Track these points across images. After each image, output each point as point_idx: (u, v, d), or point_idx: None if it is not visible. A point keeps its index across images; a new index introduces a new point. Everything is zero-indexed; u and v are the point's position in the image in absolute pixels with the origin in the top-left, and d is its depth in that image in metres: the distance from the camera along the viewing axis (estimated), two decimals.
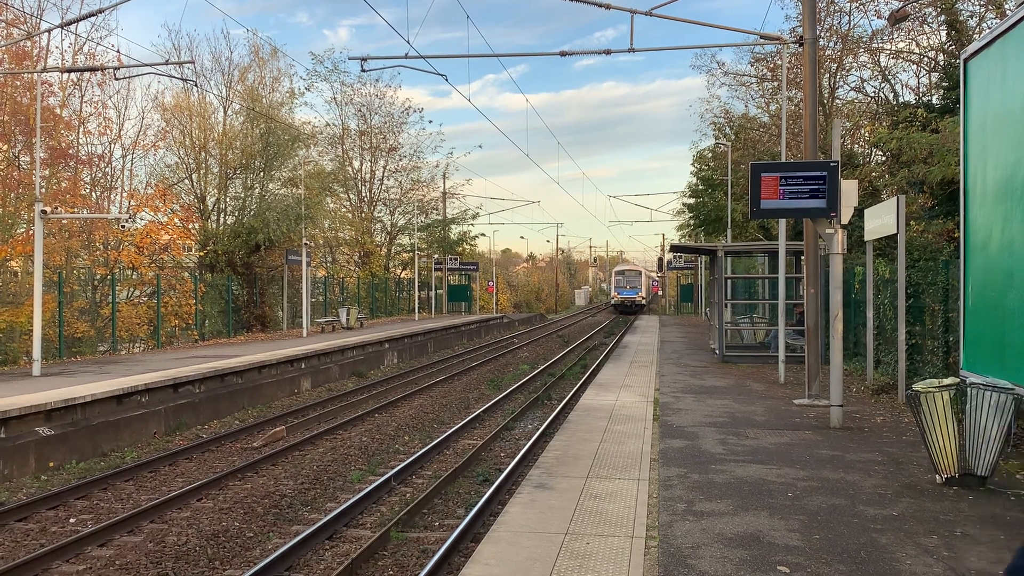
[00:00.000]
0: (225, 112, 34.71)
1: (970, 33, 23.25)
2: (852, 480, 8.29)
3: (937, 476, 8.18)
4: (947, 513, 7.13)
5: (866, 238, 15.18)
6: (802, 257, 16.91)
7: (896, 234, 13.37)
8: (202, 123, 32.97)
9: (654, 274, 78.05)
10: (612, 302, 67.13)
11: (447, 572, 7.80)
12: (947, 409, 8.02)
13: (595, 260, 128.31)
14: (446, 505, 10.43)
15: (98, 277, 25.55)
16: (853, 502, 7.46)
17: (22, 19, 26.19)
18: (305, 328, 29.01)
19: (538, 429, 14.87)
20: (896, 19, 21.48)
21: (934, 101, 24.97)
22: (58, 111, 26.44)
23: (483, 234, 62.62)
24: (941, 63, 26.00)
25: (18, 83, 24.96)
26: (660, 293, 77.45)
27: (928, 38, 27.85)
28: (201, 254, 31.76)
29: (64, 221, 24.26)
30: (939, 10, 25.30)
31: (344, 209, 47.93)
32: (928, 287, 14.22)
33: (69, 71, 22.51)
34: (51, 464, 12.27)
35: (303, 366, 21.61)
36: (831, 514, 7.07)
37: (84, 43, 28.35)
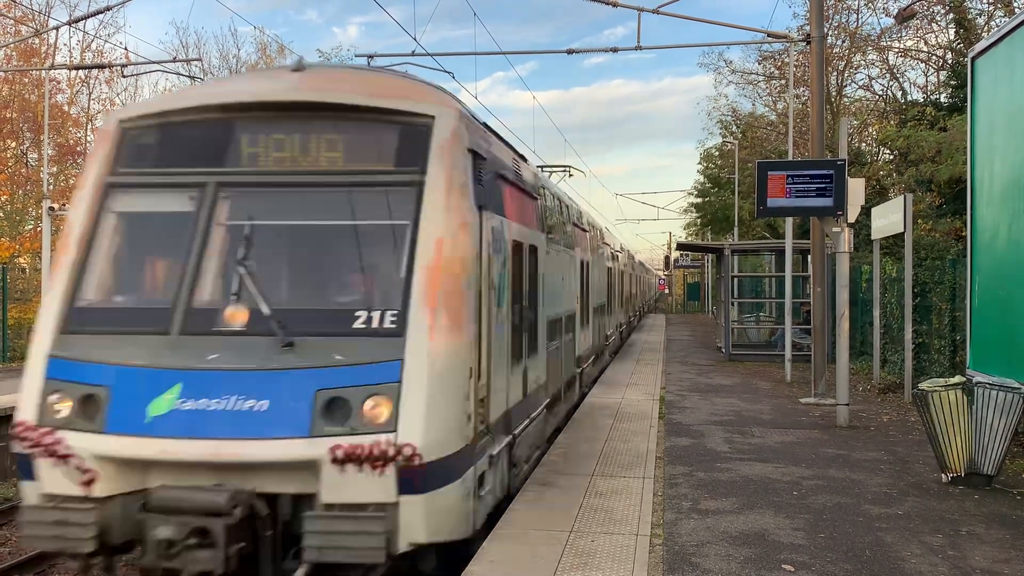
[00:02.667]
0: None
1: (978, 31, 23.18)
2: (858, 479, 8.28)
3: (943, 475, 8.16)
4: (953, 512, 7.11)
5: (873, 237, 15.14)
6: (809, 256, 16.88)
7: (903, 233, 13.34)
8: None
9: (661, 273, 75.84)
10: None
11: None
12: (953, 408, 8.00)
13: None
14: None
15: None
16: (859, 501, 7.45)
17: (30, 16, 26.34)
18: None
19: None
20: (904, 17, 21.42)
21: (942, 99, 24.93)
22: (66, 108, 26.61)
23: None
24: (949, 61, 25.93)
25: (26, 80, 25.11)
26: (667, 291, 76.45)
27: (936, 36, 27.84)
28: None
29: None
30: (947, 8, 25.25)
31: None
32: (935, 286, 14.18)
33: (77, 68, 22.60)
34: None
35: None
36: (836, 513, 7.06)
37: (92, 40, 28.53)
